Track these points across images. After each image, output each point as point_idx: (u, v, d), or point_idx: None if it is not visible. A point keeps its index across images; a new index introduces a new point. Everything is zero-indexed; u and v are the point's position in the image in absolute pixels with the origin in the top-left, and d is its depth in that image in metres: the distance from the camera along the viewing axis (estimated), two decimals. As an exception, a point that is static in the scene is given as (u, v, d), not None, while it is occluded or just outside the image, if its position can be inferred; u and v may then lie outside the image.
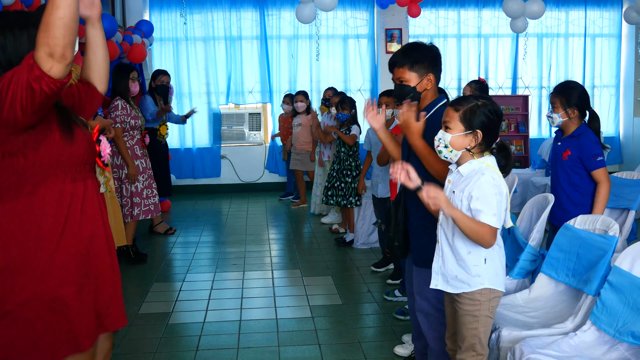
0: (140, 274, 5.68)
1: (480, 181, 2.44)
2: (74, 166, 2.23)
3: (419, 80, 2.97)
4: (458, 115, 2.51)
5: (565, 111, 3.90)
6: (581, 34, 10.68)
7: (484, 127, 2.48)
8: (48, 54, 1.89)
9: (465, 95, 2.60)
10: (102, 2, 7.78)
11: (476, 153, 2.52)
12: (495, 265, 2.57)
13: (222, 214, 8.60)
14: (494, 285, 2.57)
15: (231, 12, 9.96)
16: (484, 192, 2.42)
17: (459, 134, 2.51)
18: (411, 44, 3.08)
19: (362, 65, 10.32)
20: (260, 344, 4.07)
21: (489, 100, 2.53)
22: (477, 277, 2.54)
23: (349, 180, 6.32)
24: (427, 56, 2.98)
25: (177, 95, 9.74)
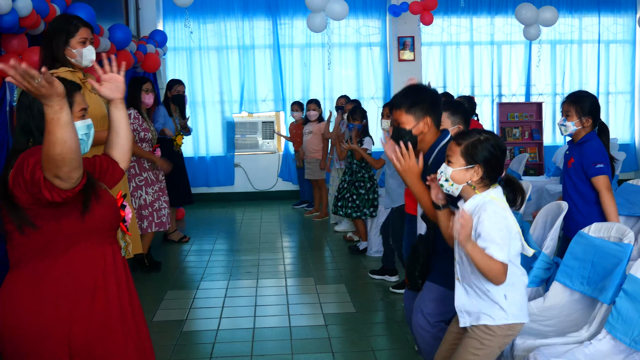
0: (154, 282, 5.71)
1: (482, 218, 2.42)
2: (100, 232, 2.24)
3: (415, 124, 2.99)
4: (460, 149, 2.51)
5: (579, 119, 3.87)
6: (595, 41, 10.63)
7: (485, 161, 2.47)
8: (54, 176, 1.96)
9: (469, 130, 2.60)
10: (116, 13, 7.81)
11: (479, 187, 2.50)
12: (518, 299, 2.53)
13: (236, 222, 8.63)
14: (517, 319, 2.53)
15: (244, 21, 10.01)
16: (487, 230, 2.40)
17: (460, 168, 2.50)
18: (411, 86, 3.12)
19: (374, 73, 10.33)
20: (273, 352, 4.07)
21: (491, 135, 2.52)
22: (501, 311, 2.51)
23: (363, 192, 6.30)
24: (424, 99, 3.00)
25: (190, 104, 9.80)
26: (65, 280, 2.15)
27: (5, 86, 4.20)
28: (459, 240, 2.36)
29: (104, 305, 2.21)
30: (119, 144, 2.47)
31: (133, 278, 2.52)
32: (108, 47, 5.76)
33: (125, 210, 2.35)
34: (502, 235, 2.40)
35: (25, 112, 2.19)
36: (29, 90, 1.89)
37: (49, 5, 4.39)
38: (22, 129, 2.20)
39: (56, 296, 2.14)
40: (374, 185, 6.32)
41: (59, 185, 1.97)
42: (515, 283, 2.52)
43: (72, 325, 2.14)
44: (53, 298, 2.13)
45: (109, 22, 6.74)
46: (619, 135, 10.33)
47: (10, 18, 3.87)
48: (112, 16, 7.63)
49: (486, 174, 2.48)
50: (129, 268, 2.46)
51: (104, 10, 6.93)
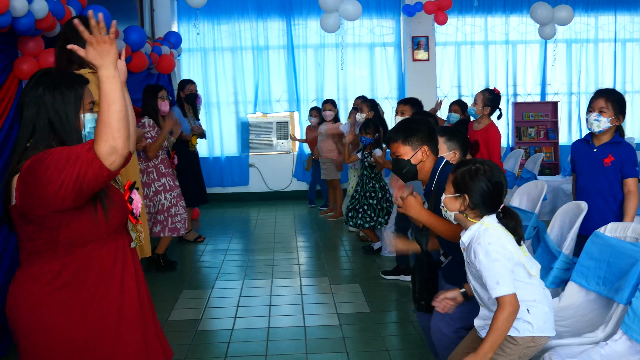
0: (169, 282, 5.74)
1: (478, 254, 2.41)
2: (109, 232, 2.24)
3: (413, 154, 3.09)
4: (452, 177, 2.54)
5: (616, 117, 3.86)
6: (611, 39, 10.56)
7: (473, 193, 2.46)
8: (112, 148, 1.96)
9: (469, 159, 2.60)
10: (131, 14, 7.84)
11: (471, 217, 2.50)
12: (542, 312, 2.51)
13: (251, 222, 8.65)
14: (542, 332, 2.51)
15: (258, 22, 10.04)
16: (483, 266, 2.39)
17: (449, 195, 2.54)
18: (405, 119, 3.25)
19: (388, 73, 10.32)
20: (288, 351, 4.08)
21: (486, 167, 2.49)
22: (526, 323, 2.49)
23: (374, 202, 6.29)
24: (419, 129, 3.10)
25: (205, 104, 9.84)
26: (73, 280, 2.15)
27: (21, 88, 4.24)
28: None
29: (109, 304, 2.21)
30: None
31: (148, 278, 2.52)
32: (123, 48, 5.80)
33: (133, 203, 2.35)
34: (497, 266, 2.38)
35: (35, 107, 2.16)
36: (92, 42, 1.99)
37: (64, 8, 4.43)
38: (26, 123, 2.17)
39: (63, 297, 2.14)
40: (385, 194, 6.30)
41: (112, 162, 1.97)
42: (537, 299, 2.50)
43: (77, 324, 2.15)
44: (60, 298, 2.14)
45: (123, 23, 6.79)
46: (635, 134, 10.26)
47: (27, 20, 3.91)
48: (127, 18, 7.68)
49: (474, 205, 2.48)
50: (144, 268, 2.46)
51: (118, 12, 6.97)
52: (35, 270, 2.15)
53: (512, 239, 2.46)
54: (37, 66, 4.22)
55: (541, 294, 2.54)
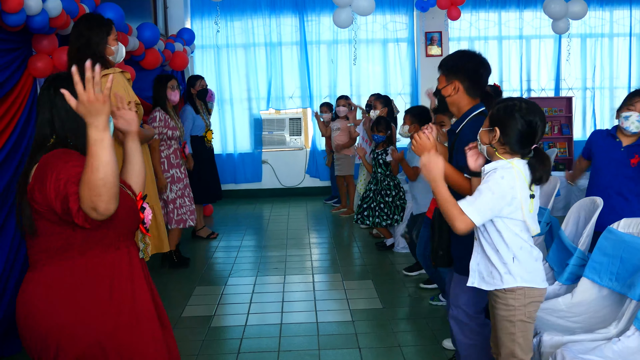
0: (183, 278, 5.77)
1: (488, 178, 2.48)
2: (117, 236, 2.24)
3: (445, 85, 3.04)
4: (490, 112, 2.56)
5: None
6: (626, 34, 10.46)
7: (503, 127, 2.48)
8: (92, 208, 1.94)
9: (509, 98, 2.59)
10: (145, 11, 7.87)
11: (501, 153, 2.52)
12: (526, 264, 2.55)
13: (264, 219, 8.68)
14: (527, 282, 2.54)
15: (271, 18, 10.05)
16: (482, 186, 2.47)
17: (484, 129, 2.56)
18: (457, 51, 3.15)
19: (402, 69, 10.29)
20: (301, 347, 4.10)
21: (523, 104, 2.48)
22: (508, 274, 2.54)
23: (389, 200, 6.29)
24: (456, 63, 3.03)
25: (218, 101, 9.87)
26: (80, 284, 2.16)
27: (35, 85, 4.28)
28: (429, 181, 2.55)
29: (118, 308, 2.21)
30: (134, 172, 2.47)
31: (162, 274, 2.55)
32: (137, 46, 5.83)
33: (145, 213, 2.36)
34: (488, 197, 2.44)
35: (48, 109, 2.20)
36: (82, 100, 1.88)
37: (78, 6, 4.46)
38: (42, 124, 2.20)
39: (70, 300, 2.14)
40: (399, 192, 6.30)
41: (94, 216, 1.96)
42: (522, 248, 2.54)
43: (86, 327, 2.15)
44: (67, 301, 2.14)
45: (137, 21, 6.82)
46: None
47: (41, 19, 3.94)
48: (141, 15, 7.72)
49: (504, 140, 2.48)
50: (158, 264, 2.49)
51: (132, 10, 7.01)
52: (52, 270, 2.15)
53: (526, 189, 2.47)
54: (51, 64, 4.26)
55: (528, 248, 2.57)
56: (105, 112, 1.92)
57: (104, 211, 1.95)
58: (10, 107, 3.88)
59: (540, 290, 2.60)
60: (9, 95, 3.91)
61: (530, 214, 2.50)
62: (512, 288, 2.55)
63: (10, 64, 3.95)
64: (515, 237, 2.53)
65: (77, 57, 3.72)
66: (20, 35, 4.06)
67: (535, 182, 2.49)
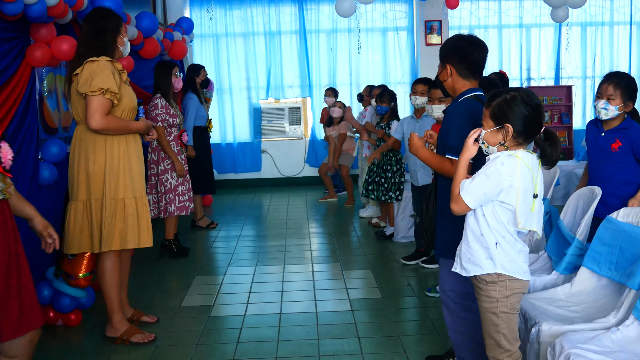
0: (182, 268, 5.77)
1: (488, 161, 2.49)
2: None
3: (441, 70, 3.10)
4: (489, 112, 2.52)
5: (624, 104, 3.79)
6: (627, 22, 10.44)
7: (514, 120, 2.46)
8: None
9: (499, 90, 2.56)
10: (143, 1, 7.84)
11: (511, 147, 2.50)
12: (509, 252, 2.54)
13: (263, 208, 8.67)
14: (507, 271, 2.54)
15: (270, 7, 10.02)
16: (480, 171, 2.48)
17: (490, 130, 2.52)
18: (453, 36, 3.17)
19: (401, 58, 10.27)
20: (300, 337, 4.10)
21: (520, 92, 2.48)
22: (489, 259, 2.54)
23: (389, 175, 6.30)
24: (449, 48, 3.07)
25: (217, 90, 9.85)
26: None
27: (34, 75, 4.26)
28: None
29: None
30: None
31: (161, 264, 2.60)
32: (135, 35, 5.80)
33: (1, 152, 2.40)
34: (482, 180, 2.46)
35: None
36: None
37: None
38: None
39: None
40: (400, 168, 6.31)
41: None
42: (506, 237, 2.54)
43: None
44: None
45: (136, 10, 6.79)
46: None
47: (39, 7, 3.91)
48: (140, 4, 7.69)
49: (518, 132, 2.47)
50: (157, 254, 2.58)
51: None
52: None
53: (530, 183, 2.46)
54: (49, 53, 4.24)
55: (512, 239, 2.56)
56: None
57: None
58: (8, 97, 3.87)
59: (522, 282, 2.59)
60: (7, 84, 3.90)
61: (530, 212, 2.48)
62: (493, 279, 2.55)
63: (8, 53, 3.94)
64: (500, 225, 2.52)
65: (91, 43, 3.74)
66: (18, 24, 4.03)
67: (548, 162, 2.49)
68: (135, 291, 4.97)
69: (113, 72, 3.73)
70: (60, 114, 4.70)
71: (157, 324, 4.35)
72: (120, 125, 3.83)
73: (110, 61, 3.77)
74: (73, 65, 3.81)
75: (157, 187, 5.88)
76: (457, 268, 2.67)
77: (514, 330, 2.62)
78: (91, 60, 3.71)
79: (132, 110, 3.94)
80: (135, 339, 3.99)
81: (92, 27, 3.81)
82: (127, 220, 3.89)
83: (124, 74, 3.89)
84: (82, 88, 3.68)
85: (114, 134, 3.82)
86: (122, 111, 3.86)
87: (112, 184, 3.83)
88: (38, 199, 4.11)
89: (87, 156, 3.81)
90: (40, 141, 4.32)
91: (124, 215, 3.88)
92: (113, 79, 3.70)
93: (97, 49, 3.77)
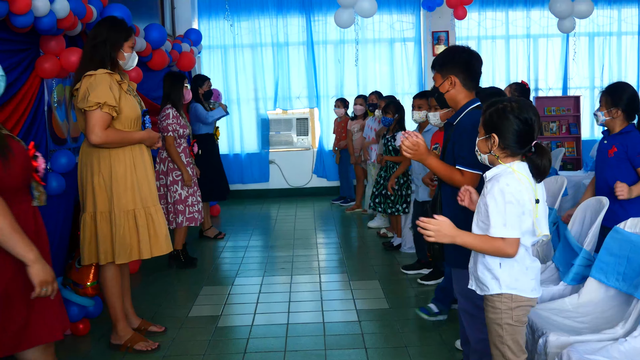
0: (190, 278, 5.78)
1: (493, 190, 2.42)
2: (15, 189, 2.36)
3: (442, 82, 3.10)
4: (482, 119, 2.52)
5: (608, 110, 3.88)
6: (635, 32, 10.42)
7: (501, 131, 2.44)
8: None
9: (495, 100, 2.54)
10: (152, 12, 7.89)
11: (502, 158, 2.48)
12: (513, 271, 2.52)
13: (271, 219, 8.68)
14: (512, 290, 2.52)
15: (278, 18, 10.06)
16: (493, 203, 2.41)
17: (480, 138, 2.54)
18: (448, 47, 3.21)
19: (408, 69, 10.28)
20: (307, 348, 4.10)
21: (514, 104, 2.45)
22: (495, 280, 2.53)
23: (396, 188, 6.29)
24: (451, 59, 3.09)
25: (225, 101, 9.87)
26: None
27: (43, 86, 4.30)
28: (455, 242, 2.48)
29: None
30: None
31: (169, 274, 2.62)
32: (144, 46, 5.85)
33: (38, 161, 2.45)
34: (508, 209, 2.39)
35: None
36: None
37: (86, 7, 4.48)
38: None
39: None
40: (407, 181, 6.30)
41: None
42: (516, 259, 2.50)
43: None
44: None
45: (145, 22, 6.84)
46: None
47: (48, 20, 3.96)
48: (149, 15, 7.74)
49: (504, 144, 2.45)
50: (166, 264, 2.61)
51: (140, 11, 7.03)
52: None
53: (532, 192, 2.44)
54: (58, 65, 4.28)
55: (523, 252, 2.53)
56: None
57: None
58: (17, 107, 3.91)
59: (533, 301, 2.58)
60: (17, 95, 3.94)
61: (536, 218, 2.47)
62: (498, 297, 2.55)
63: (17, 65, 3.98)
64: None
65: (92, 55, 3.76)
66: (28, 36, 4.08)
67: (538, 177, 2.46)
68: (143, 301, 4.98)
69: (110, 84, 3.72)
70: (70, 125, 4.74)
71: (164, 334, 4.36)
72: (122, 138, 3.84)
73: (109, 73, 3.77)
74: (75, 79, 3.83)
75: (166, 198, 5.90)
76: (473, 285, 2.68)
77: (520, 342, 2.60)
78: (88, 74, 3.70)
79: (135, 120, 3.92)
80: (138, 346, 4.02)
81: (94, 39, 3.80)
82: (139, 231, 3.91)
83: (124, 84, 3.88)
84: (80, 104, 3.70)
85: (116, 146, 3.84)
86: (125, 121, 3.86)
87: (119, 196, 3.84)
88: (46, 208, 4.13)
89: (93, 169, 3.83)
90: (50, 152, 4.35)
91: (136, 226, 3.90)
92: (110, 91, 3.69)
93: (97, 61, 3.76)
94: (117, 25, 3.85)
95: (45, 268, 2.39)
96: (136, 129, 3.95)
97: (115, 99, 3.73)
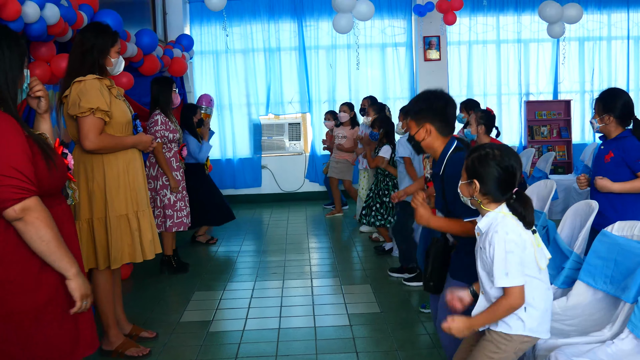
0: (182, 283, 5.78)
1: (493, 241, 2.40)
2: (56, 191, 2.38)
3: (417, 130, 3.05)
4: (465, 164, 2.54)
5: (600, 117, 3.93)
6: (624, 37, 10.49)
7: (483, 178, 2.46)
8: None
9: (479, 145, 2.56)
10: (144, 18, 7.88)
11: (485, 203, 2.49)
12: (538, 314, 2.50)
13: (263, 224, 8.69)
14: (534, 333, 2.50)
15: (270, 24, 10.08)
16: (496, 256, 2.39)
17: (463, 182, 2.55)
18: (421, 93, 3.15)
19: (400, 73, 10.32)
20: (298, 352, 4.11)
21: (496, 151, 2.47)
22: (519, 321, 2.49)
23: (387, 200, 6.30)
24: (426, 107, 3.04)
25: (217, 107, 9.89)
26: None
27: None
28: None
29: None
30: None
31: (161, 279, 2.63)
32: (135, 52, 5.86)
33: (68, 158, 2.48)
34: (509, 258, 2.38)
35: None
36: None
37: (76, 13, 4.49)
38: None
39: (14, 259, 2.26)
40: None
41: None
42: (535, 298, 2.48)
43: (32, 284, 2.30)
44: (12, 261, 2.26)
45: (136, 27, 6.85)
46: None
47: (39, 26, 3.97)
48: (140, 21, 7.75)
49: (485, 189, 2.47)
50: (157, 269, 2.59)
51: (132, 17, 7.04)
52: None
53: (529, 233, 2.44)
54: (49, 71, 4.28)
55: (543, 292, 2.52)
56: None
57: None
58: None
59: (537, 340, 2.58)
60: (7, 102, 3.93)
61: (539, 249, 2.48)
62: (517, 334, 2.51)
63: (8, 72, 3.97)
64: (530, 283, 2.46)
65: (80, 61, 3.76)
66: (18, 43, 4.08)
67: (526, 226, 2.45)
68: (134, 307, 4.98)
69: (101, 89, 3.72)
70: (61, 131, 4.74)
71: (156, 340, 4.36)
72: (115, 143, 3.85)
73: (98, 78, 3.77)
74: (63, 86, 3.82)
75: (155, 202, 5.89)
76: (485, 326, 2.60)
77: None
78: (78, 80, 3.70)
79: (125, 125, 3.93)
80: (130, 352, 4.02)
81: (81, 46, 3.79)
82: (132, 235, 3.93)
83: (114, 89, 3.88)
84: (71, 110, 3.69)
85: (109, 151, 3.84)
86: (116, 126, 3.86)
87: (113, 201, 3.85)
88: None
89: (87, 175, 3.84)
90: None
91: (129, 230, 3.92)
92: (101, 96, 3.69)
93: (85, 68, 3.76)
94: (103, 32, 3.83)
95: (85, 282, 2.37)
96: (127, 134, 3.96)
97: (107, 104, 3.73)
